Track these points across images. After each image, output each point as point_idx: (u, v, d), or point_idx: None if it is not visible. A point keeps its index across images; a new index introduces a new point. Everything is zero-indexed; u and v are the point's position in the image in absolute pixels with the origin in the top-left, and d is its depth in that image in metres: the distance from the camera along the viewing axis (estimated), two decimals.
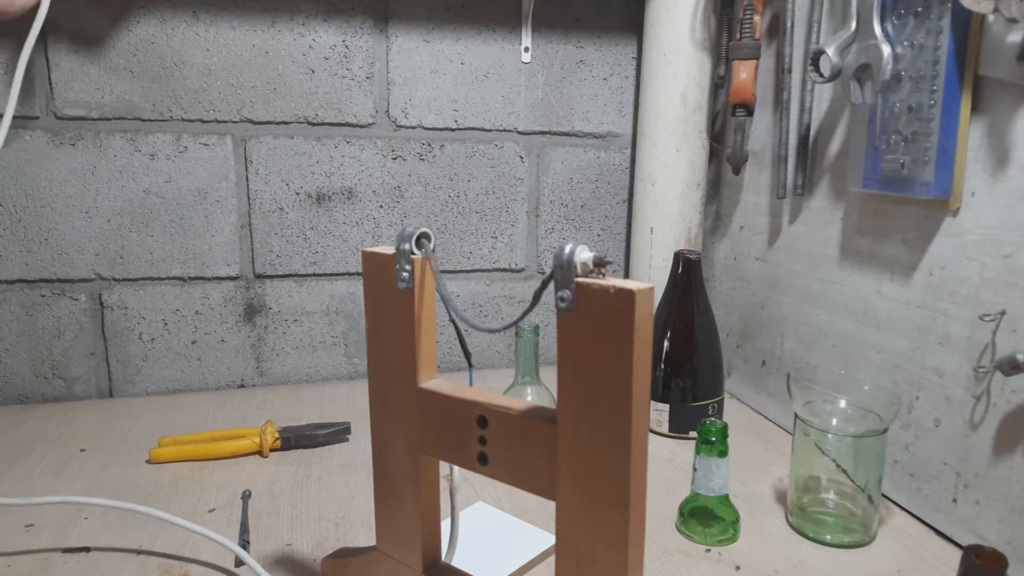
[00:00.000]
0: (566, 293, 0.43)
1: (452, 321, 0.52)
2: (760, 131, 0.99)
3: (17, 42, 0.94)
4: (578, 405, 0.44)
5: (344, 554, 0.62)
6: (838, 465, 0.68)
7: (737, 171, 1.01)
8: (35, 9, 0.81)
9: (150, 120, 1.00)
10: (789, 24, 0.89)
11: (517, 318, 0.49)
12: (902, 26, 0.70)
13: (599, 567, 0.45)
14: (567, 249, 0.43)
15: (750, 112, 0.97)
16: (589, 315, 0.43)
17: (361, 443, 0.90)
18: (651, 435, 0.94)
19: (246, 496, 0.75)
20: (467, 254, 1.15)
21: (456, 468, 0.56)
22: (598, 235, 1.20)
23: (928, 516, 0.73)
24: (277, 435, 0.86)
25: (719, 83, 1.05)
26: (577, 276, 0.43)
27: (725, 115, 1.08)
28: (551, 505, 0.75)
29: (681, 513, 0.71)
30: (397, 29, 1.05)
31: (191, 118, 1.01)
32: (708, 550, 0.68)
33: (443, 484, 0.76)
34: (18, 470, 0.81)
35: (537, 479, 0.48)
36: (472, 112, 1.10)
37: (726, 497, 0.69)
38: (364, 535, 0.69)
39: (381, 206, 1.10)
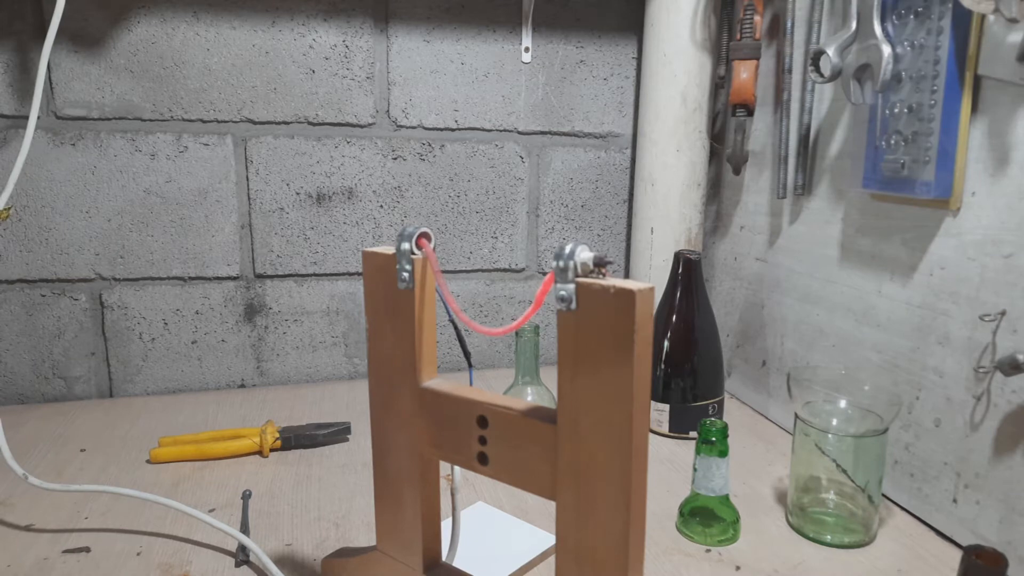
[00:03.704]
0: (566, 293, 0.43)
1: (452, 321, 0.52)
2: (760, 131, 0.99)
3: (18, 42, 0.94)
4: (578, 405, 0.44)
5: (344, 554, 0.62)
6: (838, 465, 0.68)
7: (737, 171, 1.01)
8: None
9: (150, 120, 1.00)
10: (789, 24, 0.89)
11: (518, 322, 0.48)
12: (902, 26, 0.70)
13: (599, 567, 0.45)
14: (567, 249, 0.43)
15: (750, 112, 0.97)
16: (589, 315, 0.43)
17: (361, 443, 0.90)
18: (651, 435, 0.94)
19: (246, 496, 0.75)
20: (467, 254, 1.15)
21: (456, 468, 0.56)
22: (598, 235, 1.20)
23: (928, 516, 0.73)
24: (277, 435, 0.86)
25: (719, 83, 1.05)
26: (577, 276, 0.43)
27: (725, 115, 1.08)
28: (551, 505, 0.75)
29: (681, 513, 0.71)
30: (397, 29, 1.05)
31: (191, 118, 1.01)
32: (708, 550, 0.68)
33: (443, 484, 0.76)
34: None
35: (537, 479, 0.48)
36: (472, 112, 1.10)
37: (726, 497, 0.69)
38: (364, 535, 0.69)
39: (381, 206, 1.10)
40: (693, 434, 0.91)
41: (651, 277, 1.08)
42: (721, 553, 0.68)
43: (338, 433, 0.88)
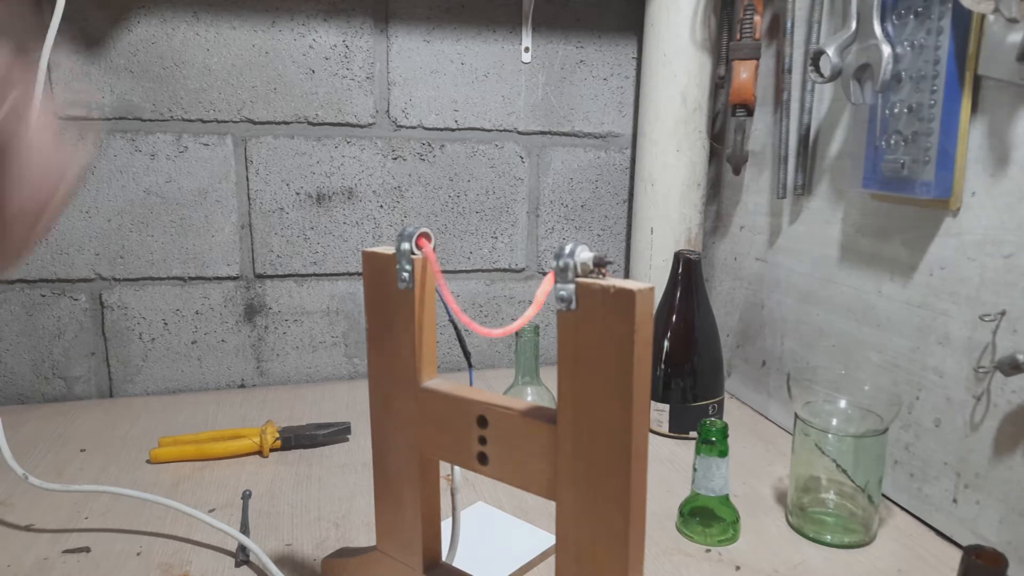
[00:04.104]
0: (566, 293, 0.43)
1: (452, 321, 0.52)
2: (760, 131, 0.99)
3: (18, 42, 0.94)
4: (578, 405, 0.44)
5: (344, 554, 0.62)
6: (838, 465, 0.68)
7: (737, 171, 1.01)
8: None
9: (150, 120, 1.00)
10: (789, 24, 0.89)
11: (518, 323, 0.49)
12: (902, 26, 0.70)
13: (599, 567, 0.45)
14: (567, 249, 0.43)
15: (750, 112, 0.97)
16: (589, 315, 0.43)
17: (361, 443, 0.90)
18: (651, 435, 0.94)
19: (246, 496, 0.75)
20: (467, 254, 1.15)
21: (456, 468, 0.56)
22: (598, 235, 1.20)
23: (928, 516, 0.73)
24: (277, 435, 0.86)
25: (719, 83, 1.05)
26: (577, 276, 0.43)
27: (725, 115, 1.08)
28: (551, 505, 0.74)
29: (681, 513, 0.71)
30: (397, 29, 1.05)
31: (191, 118, 1.01)
32: (708, 550, 0.68)
33: (443, 484, 0.76)
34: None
35: (537, 479, 0.48)
36: (472, 112, 1.10)
37: (726, 497, 0.69)
38: (364, 535, 0.69)
39: (381, 206, 1.10)
40: (693, 434, 0.91)
41: (651, 277, 1.08)
42: (721, 553, 0.68)
43: (338, 433, 0.88)
